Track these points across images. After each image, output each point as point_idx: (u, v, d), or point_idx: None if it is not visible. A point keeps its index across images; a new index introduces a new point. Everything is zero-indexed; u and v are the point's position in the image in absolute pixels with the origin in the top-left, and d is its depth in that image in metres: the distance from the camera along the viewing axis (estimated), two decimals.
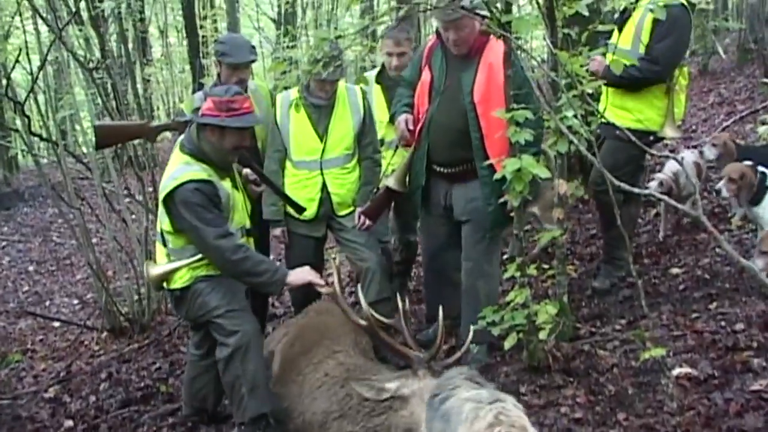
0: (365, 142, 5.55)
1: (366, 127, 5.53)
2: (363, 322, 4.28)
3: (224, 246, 4.46)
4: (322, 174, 5.45)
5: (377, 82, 5.98)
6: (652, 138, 5.67)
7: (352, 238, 5.54)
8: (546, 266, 5.16)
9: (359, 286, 5.04)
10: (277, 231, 5.59)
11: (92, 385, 6.36)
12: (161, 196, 4.58)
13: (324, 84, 5.29)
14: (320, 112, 5.40)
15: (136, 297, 7.53)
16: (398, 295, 4.62)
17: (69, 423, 5.68)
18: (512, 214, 4.75)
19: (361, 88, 5.54)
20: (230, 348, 4.53)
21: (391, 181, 5.36)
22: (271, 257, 6.06)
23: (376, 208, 5.48)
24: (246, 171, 5.01)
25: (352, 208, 5.57)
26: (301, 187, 5.46)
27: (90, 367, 6.82)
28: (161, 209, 4.65)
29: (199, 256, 4.62)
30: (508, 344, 4.57)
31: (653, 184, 6.39)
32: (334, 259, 4.81)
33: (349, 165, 5.51)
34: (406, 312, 4.49)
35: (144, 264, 5.25)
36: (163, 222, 4.67)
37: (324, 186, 5.47)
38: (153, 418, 5.48)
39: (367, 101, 5.57)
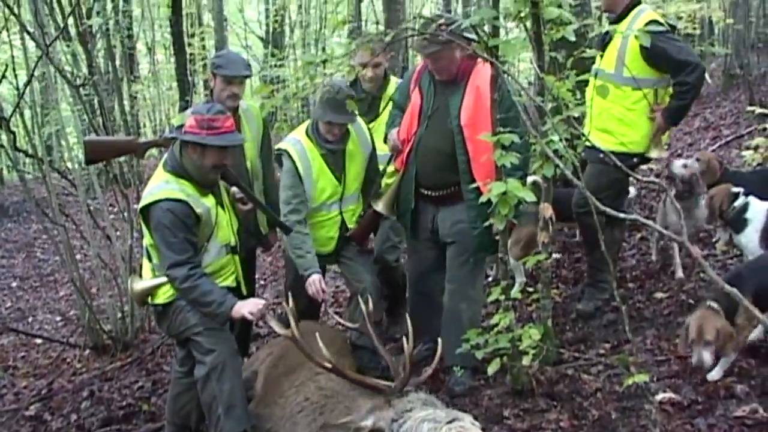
0: (371, 176, 5.63)
1: (372, 159, 5.60)
2: (327, 365, 4.22)
3: (174, 274, 4.51)
4: (341, 213, 5.50)
5: None
6: (636, 160, 5.69)
7: (351, 257, 5.58)
8: (530, 289, 5.17)
9: (353, 304, 5.07)
10: (316, 279, 5.39)
11: (74, 404, 6.33)
12: (139, 208, 4.62)
13: (332, 127, 5.25)
14: (335, 156, 5.38)
15: (119, 314, 7.51)
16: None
17: None
18: (497, 237, 4.75)
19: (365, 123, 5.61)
20: (207, 367, 4.54)
21: (379, 206, 5.37)
22: (257, 275, 6.06)
23: (364, 231, 5.51)
24: (233, 189, 5.00)
25: None
26: (319, 227, 5.49)
27: (72, 385, 6.78)
28: (142, 222, 4.68)
29: None
30: (491, 369, 4.57)
31: (678, 163, 6.38)
32: (287, 301, 4.77)
33: (361, 197, 5.61)
34: (370, 314, 4.51)
35: (128, 280, 5.24)
36: (146, 236, 4.69)
37: (342, 223, 5.52)
38: None
39: (370, 131, 5.62)
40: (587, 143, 4.89)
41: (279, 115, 9.59)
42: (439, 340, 4.33)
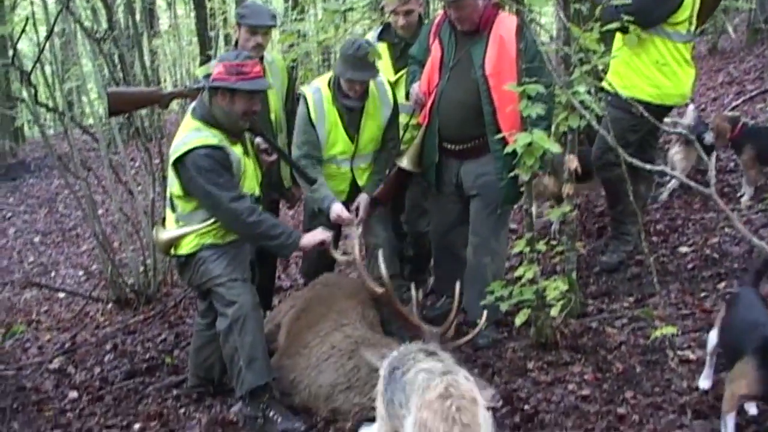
0: (388, 136, 5.37)
1: (393, 120, 5.38)
2: (380, 290, 4.25)
3: (239, 209, 4.47)
4: (351, 171, 5.37)
5: (381, 39, 5.75)
6: (662, 112, 5.66)
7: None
8: (554, 242, 5.12)
9: (370, 260, 5.03)
10: (338, 208, 5.29)
11: (97, 357, 6.35)
12: (171, 159, 4.58)
13: (353, 84, 5.09)
14: (352, 114, 5.23)
15: (141, 268, 7.51)
16: (413, 285, 4.57)
17: (73, 394, 5.65)
18: (522, 189, 4.71)
19: (388, 80, 5.39)
20: (228, 319, 4.54)
21: (404, 162, 5.30)
22: None
23: (389, 191, 5.41)
24: (258, 140, 4.96)
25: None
26: (329, 179, 5.36)
27: (95, 339, 6.80)
28: (171, 174, 4.65)
29: (208, 222, 4.61)
30: (519, 320, 4.54)
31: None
32: (358, 225, 4.82)
33: (377, 156, 5.44)
34: (418, 300, 4.45)
35: (153, 230, 5.24)
36: (173, 186, 4.66)
37: (353, 180, 5.41)
38: (158, 389, 5.45)
39: (395, 94, 5.40)
40: (613, 91, 4.84)
41: (301, 68, 9.50)
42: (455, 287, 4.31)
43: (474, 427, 3.00)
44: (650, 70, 5.56)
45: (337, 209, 5.16)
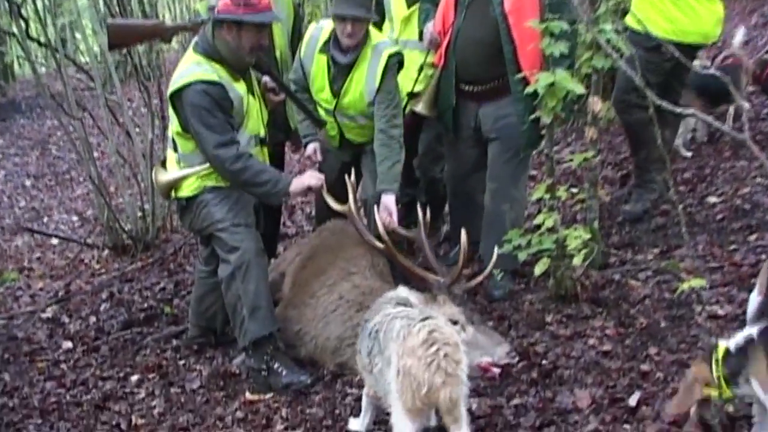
0: (379, 113, 5.03)
1: (380, 98, 5.02)
2: (379, 244, 4.26)
3: (223, 155, 4.46)
4: (336, 122, 5.29)
5: None
6: (692, 51, 5.61)
7: (364, 163, 5.41)
8: (575, 190, 5.10)
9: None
10: (310, 148, 5.36)
11: (92, 306, 6.37)
12: (169, 93, 4.58)
13: (344, 23, 4.89)
14: (339, 70, 5.08)
15: (139, 213, 7.51)
16: (420, 207, 4.63)
17: (68, 344, 5.69)
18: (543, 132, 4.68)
19: (389, 56, 5.03)
20: (231, 266, 4.55)
21: (419, 106, 5.26)
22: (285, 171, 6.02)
23: (404, 137, 5.38)
24: (265, 78, 4.93)
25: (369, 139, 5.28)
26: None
27: (90, 287, 6.83)
28: (170, 109, 4.65)
29: (209, 163, 4.61)
30: (538, 270, 4.52)
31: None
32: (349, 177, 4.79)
33: (365, 123, 5.24)
34: (426, 224, 4.49)
35: (152, 172, 5.24)
36: (173, 123, 4.66)
37: (340, 130, 5.33)
38: (156, 340, 5.49)
39: (388, 71, 5.01)
40: (639, 29, 4.79)
41: (307, 4, 9.44)
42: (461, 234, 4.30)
43: (456, 375, 3.06)
44: (664, 3, 5.49)
45: (309, 150, 5.28)
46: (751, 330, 3.27)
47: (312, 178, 4.63)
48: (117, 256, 7.46)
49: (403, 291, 3.78)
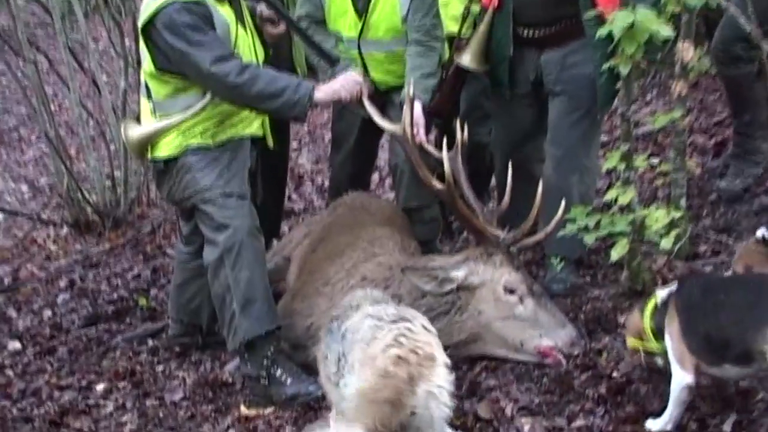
0: (415, 24, 5.09)
1: (415, 6, 5.08)
2: (439, 185, 4.28)
3: (224, 69, 4.41)
4: (361, 56, 5.28)
5: None
6: None
7: (394, 117, 5.39)
8: (656, 160, 5.08)
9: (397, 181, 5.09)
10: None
11: (48, 297, 6.42)
12: (140, 24, 4.57)
13: None
14: None
15: (108, 182, 7.54)
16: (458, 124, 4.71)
17: (16, 345, 5.74)
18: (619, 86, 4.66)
19: None
20: (219, 248, 4.55)
21: (465, 59, 5.21)
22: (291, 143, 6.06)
23: (447, 99, 5.32)
24: (260, 7, 4.91)
25: (400, 82, 5.27)
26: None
27: (45, 273, 6.88)
28: (142, 46, 4.65)
29: (193, 111, 4.61)
30: (615, 253, 4.46)
31: None
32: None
33: (397, 50, 5.25)
34: (464, 145, 4.57)
35: (122, 126, 5.21)
36: (145, 62, 4.66)
37: (365, 70, 5.29)
38: (128, 340, 5.55)
39: None
40: None
41: None
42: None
43: (430, 393, 3.09)
44: None
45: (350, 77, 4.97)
46: (674, 285, 3.63)
47: (346, 83, 4.62)
48: (79, 234, 7.50)
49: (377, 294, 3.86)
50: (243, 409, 4.55)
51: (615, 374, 4.21)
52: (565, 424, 3.90)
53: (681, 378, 3.49)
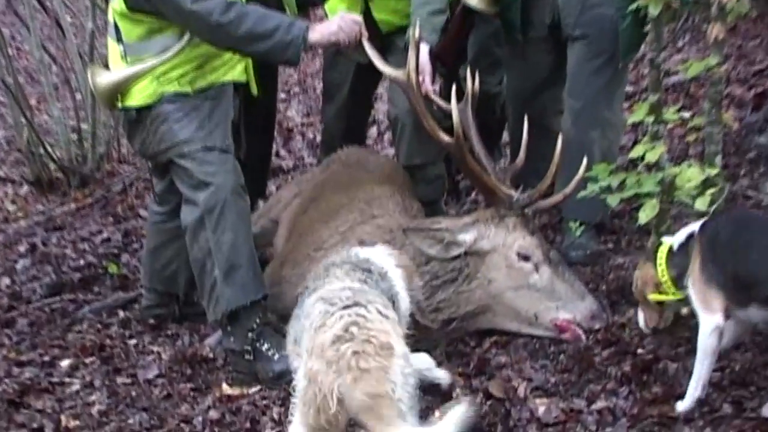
0: None
1: None
2: (447, 138, 4.28)
3: (207, 7, 4.37)
4: None
5: None
6: None
7: (395, 64, 5.37)
8: (687, 114, 5.08)
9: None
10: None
11: (5, 263, 6.42)
12: None
13: None
14: None
15: (74, 136, 7.52)
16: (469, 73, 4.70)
17: None
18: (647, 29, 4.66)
19: None
20: (199, 208, 4.55)
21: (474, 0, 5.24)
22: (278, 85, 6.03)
23: (453, 42, 5.29)
24: None
25: (405, 23, 5.29)
26: (338, 1, 5.35)
27: (2, 236, 6.86)
28: None
29: (168, 55, 4.60)
30: (644, 216, 4.42)
31: None
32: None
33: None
34: (475, 96, 4.57)
35: (88, 74, 5.19)
36: (115, 1, 4.62)
37: (367, 10, 5.32)
38: (96, 311, 5.57)
39: None
40: None
41: None
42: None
43: (378, 385, 3.04)
44: None
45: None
46: (694, 225, 3.68)
47: (344, 24, 4.57)
48: (41, 194, 7.49)
49: (374, 253, 3.83)
50: (225, 388, 4.57)
51: (640, 350, 4.22)
52: (585, 405, 3.90)
53: (709, 321, 3.52)
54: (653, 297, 3.78)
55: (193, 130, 4.61)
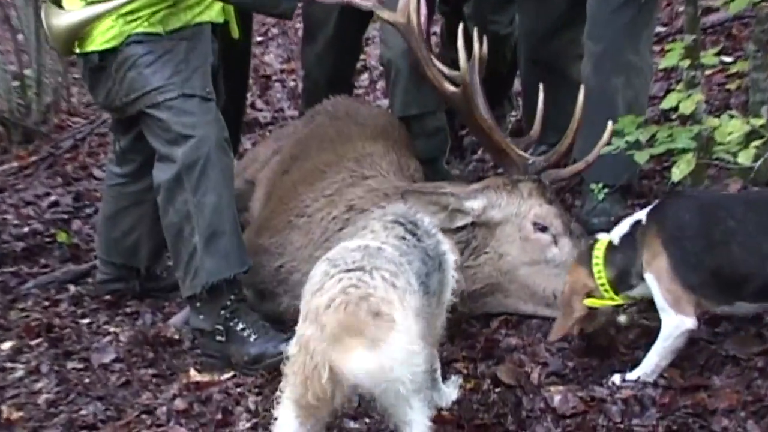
0: None
1: None
2: (452, 88, 4.29)
3: None
4: None
5: None
6: None
7: (389, 2, 5.36)
8: (728, 59, 5.09)
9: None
10: None
11: None
12: None
13: None
14: None
15: (16, 83, 7.52)
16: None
17: None
18: None
19: None
20: (176, 165, 4.52)
21: None
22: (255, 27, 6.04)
23: None
24: None
25: None
26: None
27: None
28: None
29: None
30: (678, 172, 4.39)
31: None
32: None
33: None
34: (483, 60, 4.54)
35: (42, 12, 5.17)
36: None
37: None
38: (43, 285, 5.57)
39: None
40: None
41: None
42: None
43: (388, 360, 3.00)
44: None
45: None
46: (638, 214, 3.78)
47: None
48: None
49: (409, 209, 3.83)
50: (193, 374, 4.57)
51: None
52: (607, 394, 3.89)
53: (678, 323, 3.59)
54: (589, 302, 3.79)
55: (167, 75, 4.58)
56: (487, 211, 4.16)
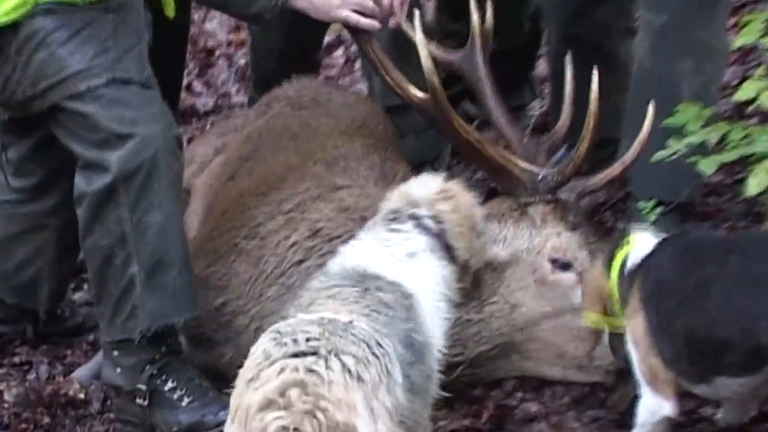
0: None
1: None
2: (420, 95, 4.28)
3: None
4: None
5: None
6: None
7: None
8: None
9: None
10: None
11: None
12: None
13: None
14: None
15: None
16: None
17: None
18: None
19: None
20: (109, 174, 4.42)
21: None
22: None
23: None
24: None
25: None
26: None
27: None
28: None
29: None
30: (753, 184, 4.41)
31: None
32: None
33: None
34: (487, 43, 4.53)
35: None
36: None
37: None
38: None
39: None
40: None
41: None
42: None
43: None
44: None
45: None
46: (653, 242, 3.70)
47: None
48: None
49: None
50: None
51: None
52: None
53: (653, 405, 3.56)
54: (591, 319, 3.79)
55: (91, 55, 4.50)
56: (491, 247, 4.07)
